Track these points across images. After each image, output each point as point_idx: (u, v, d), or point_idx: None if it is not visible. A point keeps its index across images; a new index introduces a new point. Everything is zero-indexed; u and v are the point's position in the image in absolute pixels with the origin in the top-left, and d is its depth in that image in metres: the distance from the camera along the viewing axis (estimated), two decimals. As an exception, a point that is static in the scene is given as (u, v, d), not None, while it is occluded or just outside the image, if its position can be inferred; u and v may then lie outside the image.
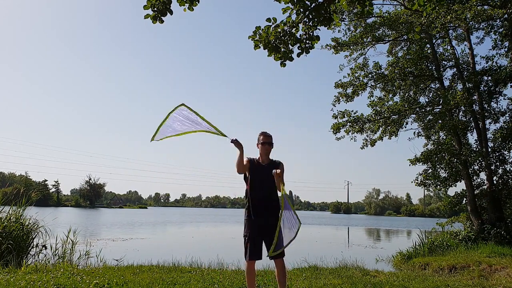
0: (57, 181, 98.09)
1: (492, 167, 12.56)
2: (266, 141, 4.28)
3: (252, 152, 4.44)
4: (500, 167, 12.72)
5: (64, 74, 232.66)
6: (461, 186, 14.59)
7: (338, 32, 15.61)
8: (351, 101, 13.92)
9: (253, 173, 4.23)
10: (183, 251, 11.22)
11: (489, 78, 13.03)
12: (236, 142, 4.10)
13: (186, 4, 4.78)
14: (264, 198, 4.19)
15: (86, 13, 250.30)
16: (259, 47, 5.03)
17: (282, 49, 5.03)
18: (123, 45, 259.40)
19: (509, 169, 12.67)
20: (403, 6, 12.80)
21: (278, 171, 4.06)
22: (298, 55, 5.13)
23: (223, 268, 7.63)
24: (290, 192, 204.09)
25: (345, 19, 13.81)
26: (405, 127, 14.01)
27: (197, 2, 4.77)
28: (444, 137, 13.52)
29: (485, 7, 11.68)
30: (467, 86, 12.82)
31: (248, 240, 4.13)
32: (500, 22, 12.76)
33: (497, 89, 13.05)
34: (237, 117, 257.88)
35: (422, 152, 13.21)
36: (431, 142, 13.99)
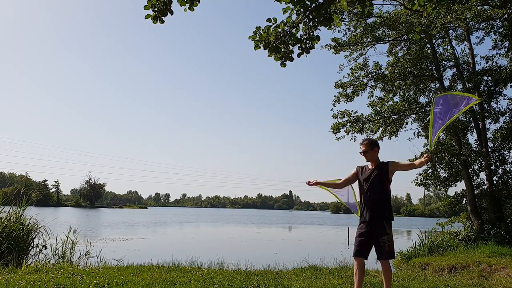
0: (57, 181, 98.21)
1: (492, 167, 12.55)
2: (361, 151, 4.67)
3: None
4: (500, 167, 12.71)
5: (64, 74, 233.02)
6: (461, 186, 14.58)
7: (338, 32, 15.54)
8: (351, 101, 13.89)
9: (359, 179, 4.66)
10: (183, 251, 11.22)
11: (489, 78, 13.01)
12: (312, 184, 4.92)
13: (186, 4, 4.78)
14: (370, 200, 4.43)
15: (86, 13, 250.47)
16: (260, 47, 5.02)
17: (283, 49, 5.03)
18: (123, 45, 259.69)
19: (509, 169, 12.66)
20: (403, 6, 12.78)
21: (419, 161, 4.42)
22: (299, 55, 5.13)
23: (223, 268, 7.63)
24: (290, 192, 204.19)
25: (345, 19, 13.78)
26: (405, 127, 13.99)
27: (197, 2, 4.77)
28: (444, 137, 13.51)
29: (485, 7, 11.67)
30: (467, 86, 12.81)
31: (357, 238, 4.45)
32: (500, 22, 12.74)
33: (497, 89, 13.05)
34: (237, 116, 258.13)
35: (422, 152, 13.20)
36: (431, 142, 13.95)
